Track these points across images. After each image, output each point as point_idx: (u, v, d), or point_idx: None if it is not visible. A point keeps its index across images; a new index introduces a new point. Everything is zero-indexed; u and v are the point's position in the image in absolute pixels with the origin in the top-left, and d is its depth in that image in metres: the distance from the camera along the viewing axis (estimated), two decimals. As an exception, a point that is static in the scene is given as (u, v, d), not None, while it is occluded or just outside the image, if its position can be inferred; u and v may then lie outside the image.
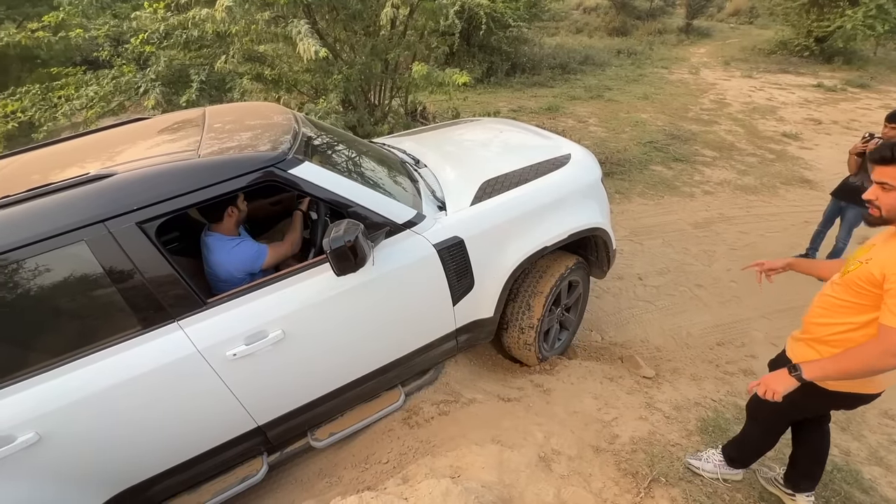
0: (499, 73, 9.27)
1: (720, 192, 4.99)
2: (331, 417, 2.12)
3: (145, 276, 1.53)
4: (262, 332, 1.68)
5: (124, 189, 1.51)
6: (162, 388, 1.60)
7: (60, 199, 1.46)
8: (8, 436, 1.44)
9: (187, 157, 1.63)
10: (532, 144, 2.69)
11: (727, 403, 2.46)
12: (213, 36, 3.64)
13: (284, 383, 1.85)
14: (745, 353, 2.90)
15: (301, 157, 1.74)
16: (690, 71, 10.37)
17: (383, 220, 1.84)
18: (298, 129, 1.96)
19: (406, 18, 4.23)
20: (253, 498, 2.14)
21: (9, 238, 1.39)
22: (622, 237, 4.17)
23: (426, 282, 1.96)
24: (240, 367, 1.69)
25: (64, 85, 3.67)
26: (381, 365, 2.05)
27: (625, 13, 14.71)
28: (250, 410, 1.81)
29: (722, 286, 3.55)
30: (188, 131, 1.94)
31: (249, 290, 1.70)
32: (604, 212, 2.47)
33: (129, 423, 1.61)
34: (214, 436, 1.81)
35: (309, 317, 1.76)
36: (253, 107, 2.45)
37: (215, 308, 1.65)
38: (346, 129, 4.51)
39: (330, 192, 1.76)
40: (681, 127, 6.79)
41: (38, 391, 1.47)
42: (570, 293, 2.61)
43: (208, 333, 1.62)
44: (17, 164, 1.91)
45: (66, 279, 1.48)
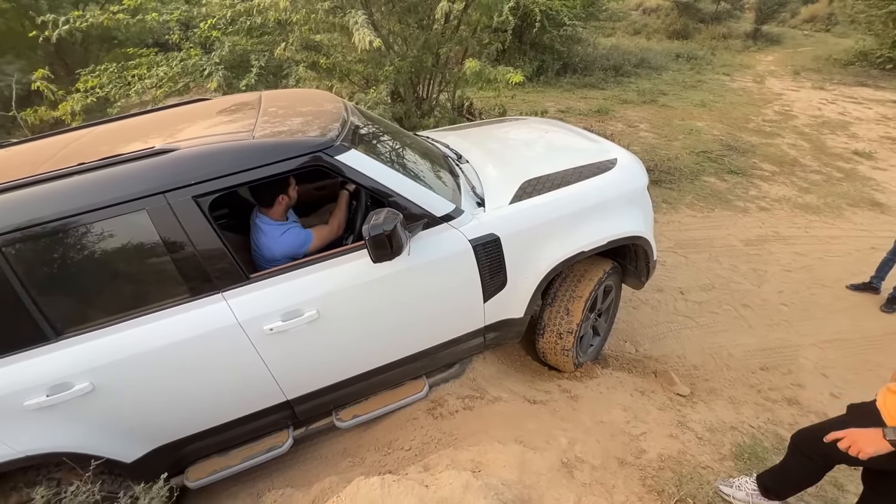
0: (549, 72, 9.10)
1: (777, 209, 4.70)
2: (356, 400, 2.17)
3: (196, 247, 1.62)
4: (299, 310, 1.75)
5: (184, 164, 1.60)
6: (203, 354, 1.70)
7: (127, 170, 1.57)
8: (67, 383, 1.57)
9: (242, 138, 1.71)
10: (578, 147, 2.64)
11: (767, 431, 2.34)
12: (275, 23, 3.79)
13: (315, 361, 1.92)
14: (791, 382, 2.73)
15: (348, 145, 1.78)
16: (755, 79, 9.79)
17: (422, 211, 1.87)
18: (347, 117, 2.00)
19: (460, 13, 4.23)
20: (280, 469, 2.24)
21: (80, 202, 1.50)
22: (665, 248, 4.01)
23: (459, 276, 1.97)
24: (275, 342, 1.76)
25: (137, 65, 3.93)
26: (408, 354, 2.08)
27: (687, 15, 14.05)
28: (281, 384, 1.88)
29: (771, 308, 3.35)
30: (245, 114, 2.02)
31: (290, 269, 1.77)
32: (647, 221, 2.40)
33: (172, 383, 1.72)
34: (247, 404, 1.90)
35: (343, 300, 1.82)
36: (306, 94, 2.53)
37: (257, 283, 1.73)
38: (393, 121, 4.59)
39: (373, 180, 1.80)
40: (739, 138, 6.43)
41: (94, 345, 1.60)
42: (605, 298, 2.56)
43: (249, 307, 1.70)
44: (91, 135, 2.05)
45: (126, 244, 1.59)
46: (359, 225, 2.06)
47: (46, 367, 1.57)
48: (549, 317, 2.40)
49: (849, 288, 3.49)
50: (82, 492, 1.56)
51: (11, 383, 1.54)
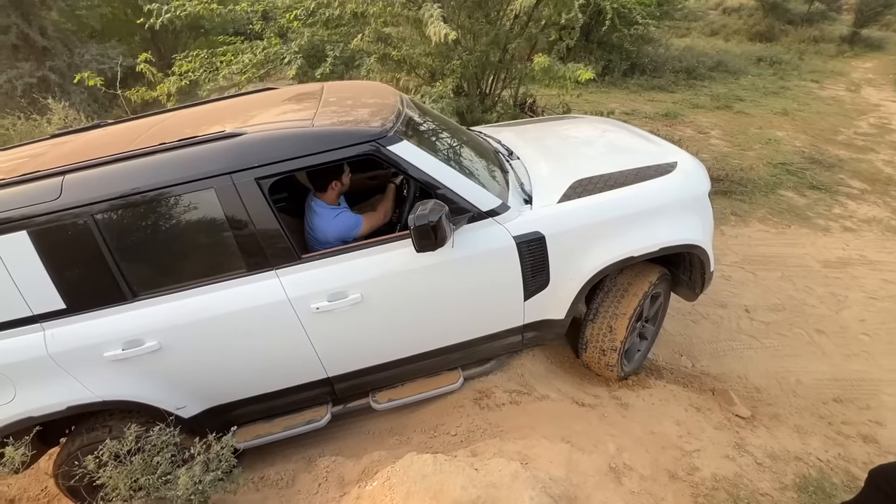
0: (615, 72, 8.77)
1: (865, 230, 4.29)
2: (392, 384, 2.23)
3: (256, 225, 1.75)
4: (344, 292, 1.83)
5: (249, 148, 1.73)
6: (255, 325, 1.83)
7: (200, 151, 1.73)
8: (139, 340, 1.77)
9: (303, 126, 1.83)
10: (637, 148, 2.54)
11: (836, 467, 2.17)
12: (351, 16, 3.93)
13: (356, 343, 2.00)
14: (869, 418, 2.51)
15: (401, 136, 1.83)
16: (848, 87, 8.92)
17: (468, 205, 1.88)
18: (402, 109, 2.06)
19: (530, 10, 4.19)
20: (331, 440, 2.36)
21: (158, 178, 1.68)
22: (731, 262, 3.79)
23: (501, 272, 1.97)
24: (321, 320, 1.86)
25: (224, 52, 4.23)
26: (446, 345, 2.11)
27: (774, 16, 12.99)
28: (324, 361, 1.99)
29: (849, 337, 3.08)
30: (307, 103, 2.13)
31: (338, 253, 1.86)
32: (706, 229, 2.27)
33: (227, 349, 1.87)
34: (291, 377, 2.03)
35: (386, 286, 1.87)
36: (364, 86, 2.62)
37: (308, 264, 1.83)
38: (455, 115, 4.64)
39: (422, 171, 1.84)
40: (825, 150, 5.91)
41: (163, 309, 1.78)
42: (652, 305, 2.46)
43: (298, 285, 1.81)
44: (173, 118, 2.25)
45: (196, 219, 1.76)
46: (406, 215, 2.10)
47: (123, 324, 1.77)
48: (591, 333, 2.33)
49: (946, 323, 3.14)
50: (165, 433, 1.74)
51: (94, 335, 1.76)
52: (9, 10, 7.12)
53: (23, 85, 7.07)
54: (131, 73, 5.45)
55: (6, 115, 4.72)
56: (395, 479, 1.47)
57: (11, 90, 7.11)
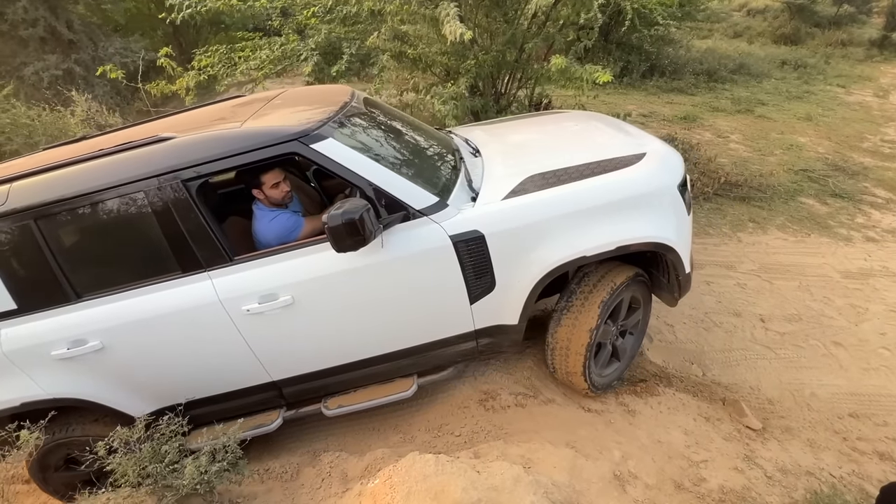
0: (634, 73, 8.64)
1: (889, 241, 4.15)
2: (344, 390, 2.19)
3: (185, 227, 1.78)
4: (274, 294, 1.82)
5: (176, 151, 1.77)
6: (190, 327, 1.86)
7: (133, 156, 1.79)
8: (83, 339, 1.83)
9: (231, 128, 1.85)
10: (606, 141, 2.39)
11: (850, 484, 2.11)
12: (368, 13, 3.94)
13: (293, 346, 1.98)
14: (887, 435, 2.43)
15: (327, 135, 1.80)
16: (876, 93, 8.65)
17: (400, 203, 1.82)
18: (342, 109, 2.04)
19: (549, 9, 4.14)
20: (335, 434, 2.38)
21: (93, 183, 1.73)
22: (747, 270, 3.71)
23: (439, 273, 1.89)
24: (254, 323, 1.86)
25: (243, 47, 4.28)
26: (392, 350, 2.06)
27: (801, 18, 12.65)
28: (265, 365, 1.99)
29: (869, 350, 2.99)
30: (253, 107, 2.15)
31: (270, 254, 1.85)
32: (674, 225, 2.04)
33: (167, 350, 1.90)
34: (236, 379, 2.04)
35: (317, 288, 1.85)
36: (322, 89, 2.62)
37: (240, 265, 1.84)
38: (469, 115, 4.62)
39: (349, 170, 1.79)
40: (849, 158, 5.74)
41: (104, 310, 1.83)
42: (629, 315, 2.28)
43: (230, 287, 1.82)
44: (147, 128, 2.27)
45: (131, 222, 1.81)
46: None
47: (68, 324, 1.83)
48: (551, 341, 2.19)
49: (972, 340, 3.03)
50: (174, 423, 1.77)
51: (43, 334, 1.83)
52: (37, 3, 7.31)
53: (49, 77, 7.26)
54: (153, 67, 5.56)
55: (32, 105, 4.86)
56: (397, 478, 1.48)
57: (38, 82, 7.31)
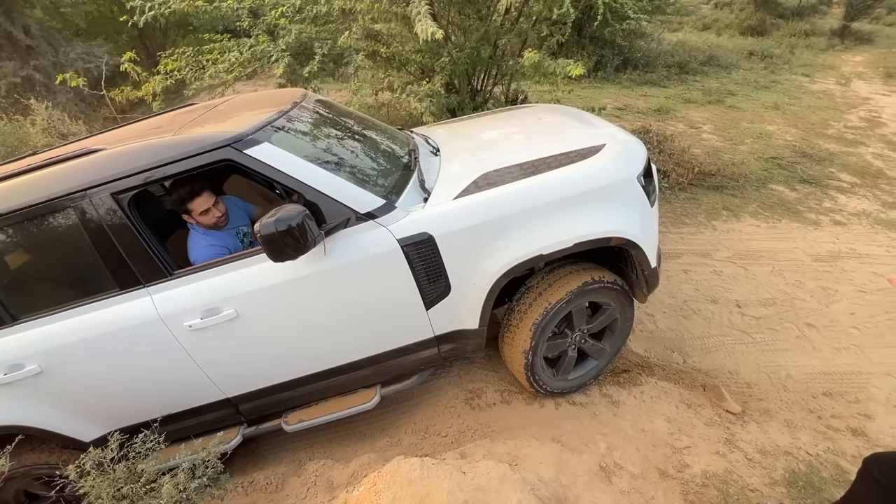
0: (608, 67, 8.76)
1: (855, 224, 4.31)
2: (304, 404, 2.13)
3: (118, 241, 1.69)
4: (217, 308, 1.75)
5: (104, 163, 1.69)
6: (133, 346, 1.78)
7: (59, 171, 1.71)
8: (20, 364, 1.75)
9: (162, 137, 1.76)
10: (568, 134, 2.31)
11: (826, 461, 2.18)
12: (339, 12, 3.88)
13: (244, 361, 1.91)
14: (858, 411, 2.52)
15: (263, 139, 1.72)
16: (839, 81, 8.96)
17: (343, 208, 1.73)
18: (286, 112, 1.97)
19: (521, 5, 4.15)
20: (320, 441, 2.35)
21: (19, 200, 1.65)
22: (723, 258, 3.79)
23: (389, 279, 1.80)
24: (198, 339, 1.79)
25: (211, 50, 4.17)
26: (349, 361, 1.99)
27: (765, 10, 13.03)
28: (216, 381, 1.93)
29: (839, 330, 3.10)
30: (192, 115, 2.07)
31: (211, 267, 1.77)
32: (636, 219, 1.95)
33: (110, 371, 1.82)
34: (188, 398, 1.97)
35: (262, 300, 1.77)
36: (271, 94, 2.54)
37: (180, 280, 1.76)
38: (446, 112, 4.60)
39: (285, 174, 1.70)
40: (815, 144, 5.93)
41: (40, 332, 1.75)
42: (595, 317, 2.21)
43: (171, 303, 1.74)
44: (94, 141, 2.18)
45: (63, 239, 1.72)
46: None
47: (4, 348, 1.75)
48: (501, 340, 2.16)
49: (934, 316, 3.16)
50: (150, 440, 1.71)
51: None
52: (-10, 8, 6.99)
53: (6, 85, 6.94)
54: (118, 72, 5.36)
55: (-11, 115, 4.64)
56: (382, 483, 1.46)
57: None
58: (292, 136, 1.91)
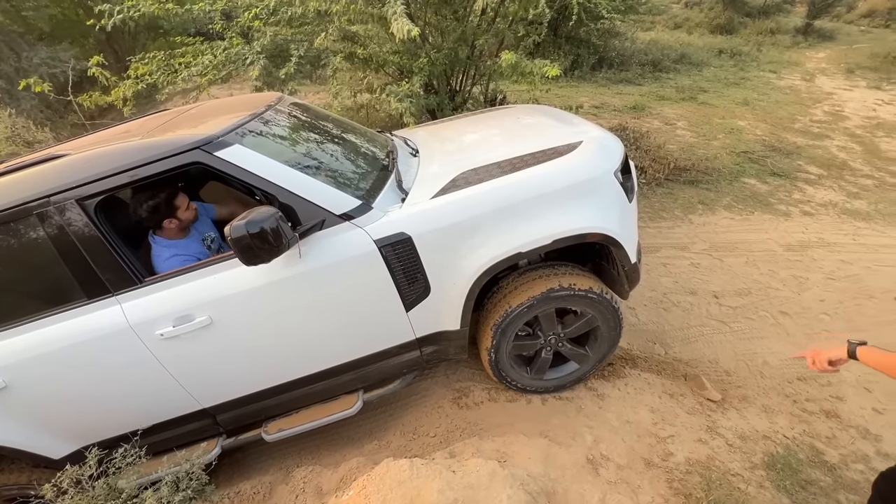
0: (584, 66, 8.90)
1: (823, 214, 4.48)
2: (285, 412, 2.09)
3: (85, 249, 1.64)
4: (190, 315, 1.70)
5: (69, 169, 1.64)
6: (103, 357, 1.73)
7: (21, 177, 1.66)
8: None
9: (129, 141, 1.72)
10: (546, 132, 2.30)
11: (802, 443, 2.26)
12: (315, 13, 3.84)
13: (220, 370, 1.86)
14: (830, 394, 2.62)
15: (233, 141, 1.68)
16: (804, 77, 9.29)
17: (317, 209, 1.70)
18: (259, 114, 1.94)
19: (497, 5, 4.19)
20: (308, 447, 2.32)
21: None
22: (700, 251, 3.90)
23: (367, 281, 1.77)
24: (171, 347, 1.74)
25: (183, 53, 4.07)
26: (329, 367, 1.96)
27: (733, 9, 13.44)
28: (191, 391, 1.88)
29: (811, 317, 3.22)
30: (162, 120, 2.02)
31: (183, 273, 1.73)
32: (614, 214, 1.93)
33: (79, 384, 1.77)
34: (162, 410, 1.92)
35: (236, 305, 1.72)
36: (245, 98, 2.50)
37: (150, 287, 1.71)
38: (425, 113, 4.61)
39: (258, 177, 1.66)
40: (784, 138, 6.14)
41: (4, 345, 1.68)
42: (572, 322, 2.17)
43: (141, 311, 1.69)
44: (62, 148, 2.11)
45: (25, 248, 1.66)
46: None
47: None
48: (476, 336, 2.15)
49: (898, 300, 3.31)
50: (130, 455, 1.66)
51: None
52: (-54, 12, 6.68)
53: (-34, 92, 6.65)
54: (86, 77, 5.20)
55: (-52, 124, 4.44)
56: (371, 487, 1.45)
57: (-46, 98, 6.68)
58: (266, 139, 1.88)
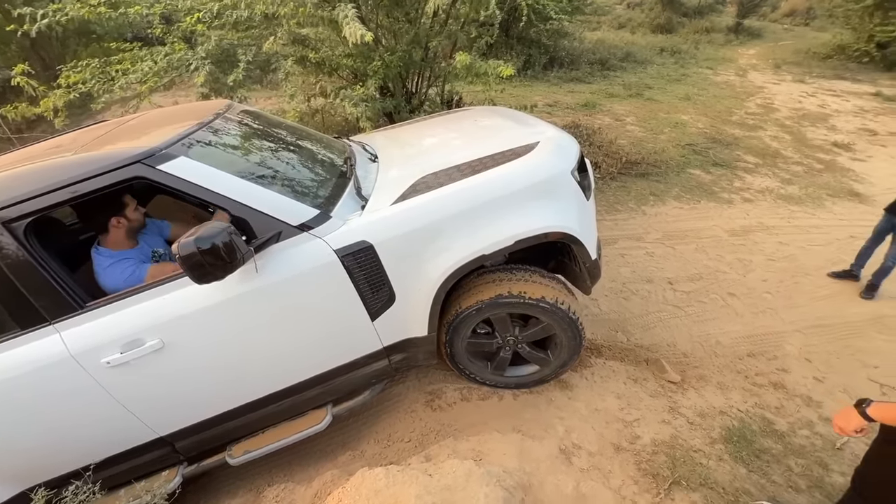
0: (536, 66, 9.14)
1: (761, 200, 4.81)
2: (250, 433, 2.00)
3: (15, 276, 1.51)
4: (139, 339, 1.61)
5: None
6: (43, 391, 1.60)
7: None
8: None
9: (61, 156, 1.60)
10: (504, 134, 2.31)
11: (754, 415, 2.42)
12: (262, 17, 3.73)
13: (176, 395, 1.77)
14: (777, 367, 2.82)
15: (175, 153, 1.59)
16: (737, 73, 9.96)
17: (273, 221, 1.64)
18: (206, 123, 1.86)
19: (448, 7, 4.22)
20: (279, 465, 2.24)
21: None
22: (653, 240, 4.09)
23: (330, 292, 1.72)
24: (119, 375, 1.63)
25: (121, 59, 3.84)
26: (293, 383, 1.89)
27: (671, 9, 14.21)
28: (145, 420, 1.77)
29: (756, 297, 3.45)
30: (97, 133, 1.91)
31: (130, 295, 1.62)
32: (573, 212, 1.96)
33: (18, 422, 1.64)
34: (115, 442, 1.80)
35: (189, 326, 1.64)
36: (190, 106, 2.40)
37: (93, 312, 1.59)
38: (382, 116, 4.57)
39: (206, 189, 1.58)
40: (723, 131, 6.56)
41: None
42: (528, 328, 2.17)
43: (83, 339, 1.58)
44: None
45: None
46: None
47: None
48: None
49: (830, 276, 3.61)
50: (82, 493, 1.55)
51: None
52: None
53: None
54: (10, 87, 4.79)
55: None
56: (347, 499, 1.42)
57: None
58: (214, 149, 1.79)
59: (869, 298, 3.37)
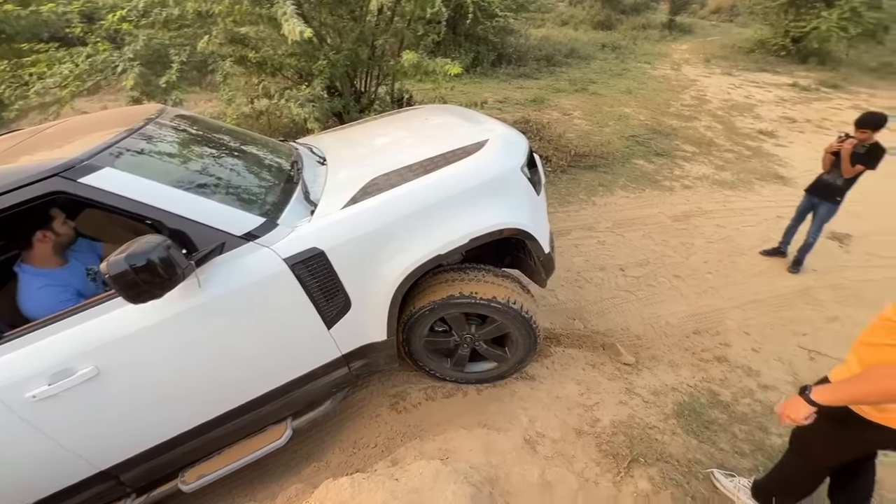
0: (485, 63, 9.25)
1: (699, 186, 5.13)
2: (205, 456, 1.91)
3: None
4: (70, 369, 1.48)
5: None
6: None
7: None
8: None
9: None
10: (454, 132, 2.30)
11: (702, 389, 2.57)
12: (195, 15, 3.52)
13: (117, 424, 1.65)
14: (720, 342, 3.02)
15: (99, 164, 1.47)
16: (672, 67, 10.54)
17: (214, 231, 1.56)
18: (135, 130, 1.74)
19: (393, 5, 4.18)
20: (239, 484, 2.14)
21: None
22: (604, 229, 4.26)
23: (282, 303, 1.66)
24: (49, 409, 1.51)
25: (35, 62, 3.51)
26: (248, 399, 1.82)
27: (609, 7, 14.81)
28: (82, 454, 1.65)
29: (699, 277, 3.67)
30: (11, 142, 1.76)
31: (56, 320, 1.49)
32: (525, 208, 1.97)
33: None
34: (50, 481, 1.67)
35: (127, 349, 1.53)
36: (117, 112, 2.25)
37: (13, 343, 1.46)
38: (332, 116, 4.46)
39: (137, 202, 1.47)
40: (662, 122, 6.92)
41: None
42: (484, 326, 2.19)
43: (3, 372, 1.44)
44: None
45: None
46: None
47: None
48: None
49: (762, 254, 3.91)
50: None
51: None
52: None
53: None
54: None
55: None
56: (312, 513, 1.38)
57: None
58: (146, 158, 1.67)
59: (795, 272, 3.68)
